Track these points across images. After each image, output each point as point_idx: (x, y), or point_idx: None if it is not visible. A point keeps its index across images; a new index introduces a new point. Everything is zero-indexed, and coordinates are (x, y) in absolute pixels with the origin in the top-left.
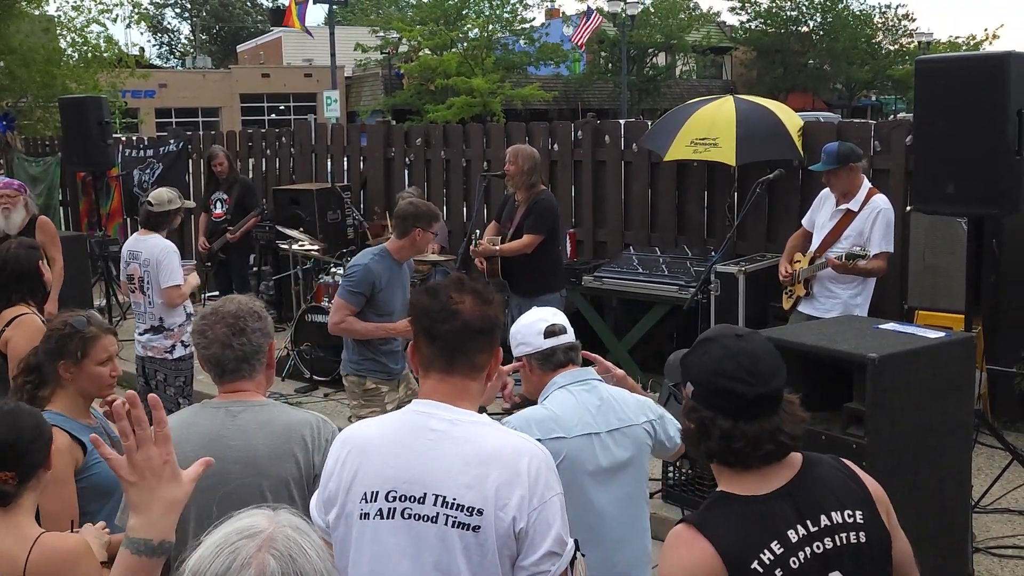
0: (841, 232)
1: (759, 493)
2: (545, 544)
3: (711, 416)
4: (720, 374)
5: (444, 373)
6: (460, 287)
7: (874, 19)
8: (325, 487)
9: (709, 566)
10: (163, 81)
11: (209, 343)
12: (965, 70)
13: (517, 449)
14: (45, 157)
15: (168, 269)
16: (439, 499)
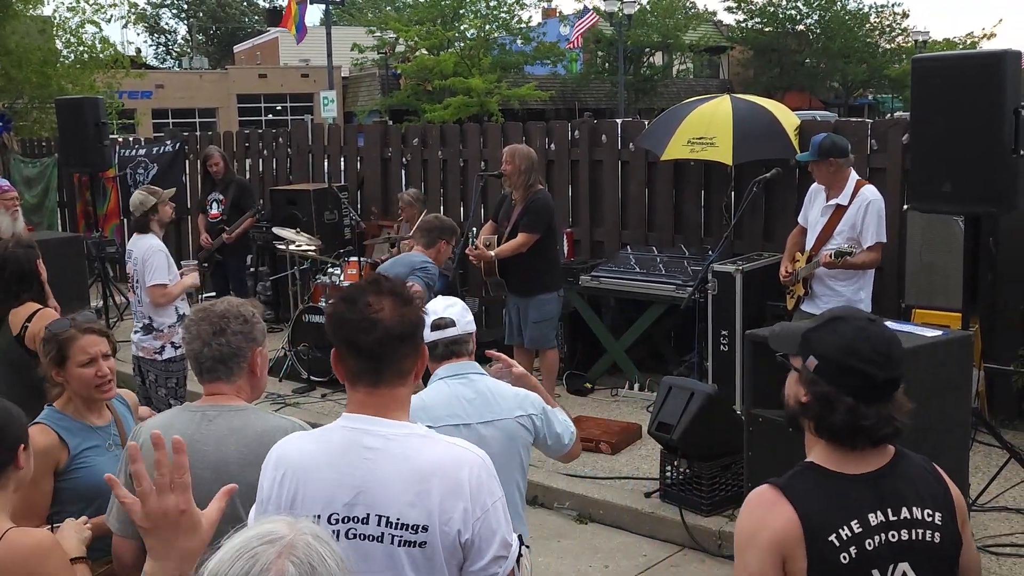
0: (834, 228)
1: (848, 472)
2: (491, 550)
3: (835, 392)
4: (854, 354)
5: (372, 386)
6: (377, 290)
7: (870, 18)
8: (264, 509)
9: (787, 529)
10: (160, 82)
11: (192, 339)
12: (961, 69)
13: (456, 460)
14: (42, 158)
15: (152, 267)
16: (382, 519)
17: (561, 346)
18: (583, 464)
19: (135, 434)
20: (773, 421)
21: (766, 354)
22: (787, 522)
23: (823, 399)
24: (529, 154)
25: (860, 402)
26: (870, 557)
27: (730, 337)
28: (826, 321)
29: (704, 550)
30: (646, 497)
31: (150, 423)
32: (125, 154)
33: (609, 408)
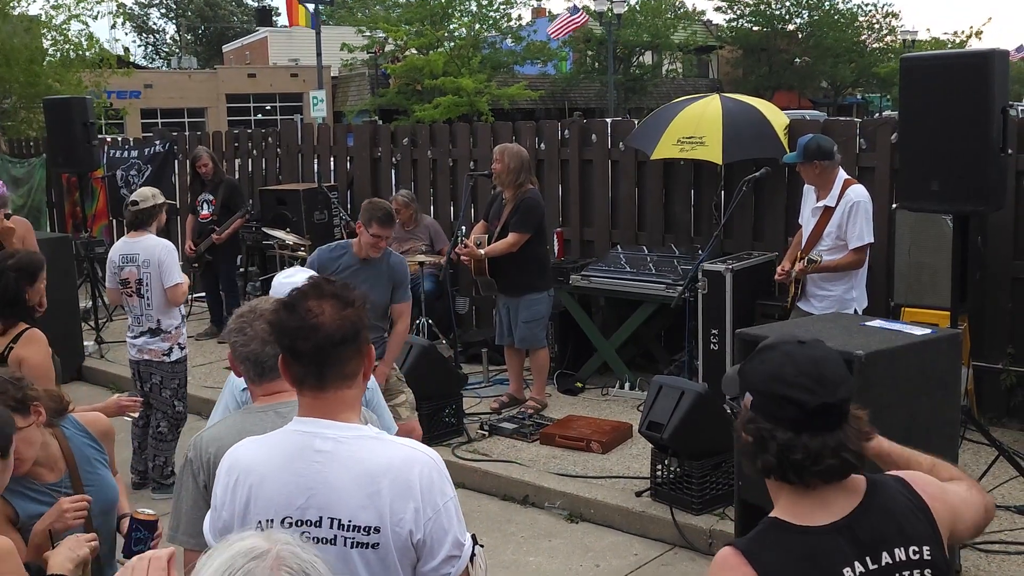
0: (823, 229)
1: (816, 524)
2: (443, 550)
3: (770, 428)
4: (780, 380)
5: (317, 390)
6: (318, 294)
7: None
8: (219, 515)
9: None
10: (148, 81)
11: (248, 340)
12: (950, 68)
13: (407, 460)
14: (29, 158)
15: (169, 268)
16: (335, 522)
17: (552, 346)
18: (574, 463)
19: (199, 448)
20: None
21: None
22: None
23: (758, 436)
24: (519, 153)
25: (799, 434)
26: None
27: (720, 336)
28: (756, 351)
29: (695, 549)
30: (637, 496)
31: (214, 434)
32: (116, 155)
33: (600, 407)
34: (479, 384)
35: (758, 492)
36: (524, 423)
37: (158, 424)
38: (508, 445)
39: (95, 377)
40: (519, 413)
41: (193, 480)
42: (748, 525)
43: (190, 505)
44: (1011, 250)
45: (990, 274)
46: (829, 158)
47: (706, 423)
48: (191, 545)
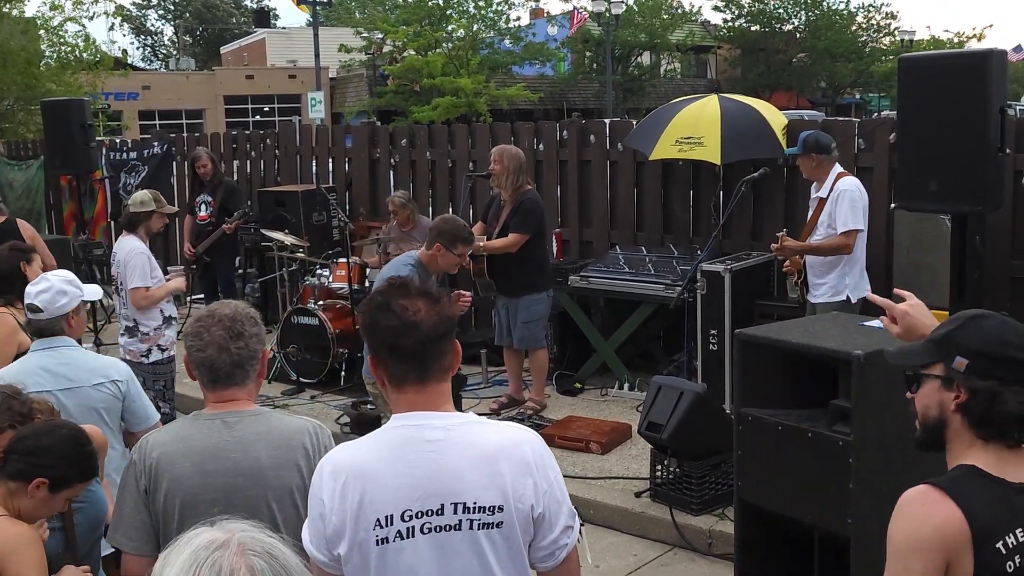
0: (817, 220)
1: (1009, 479)
2: (561, 520)
3: (998, 383)
4: (1008, 344)
5: (419, 384)
6: (406, 294)
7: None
8: (327, 522)
9: (956, 528)
10: (146, 83)
11: (204, 345)
12: (947, 68)
13: (515, 439)
14: (27, 160)
15: (132, 269)
16: (458, 506)
17: (551, 346)
18: (574, 464)
19: (143, 452)
20: (762, 420)
21: (755, 353)
22: (955, 522)
23: (988, 393)
24: (517, 154)
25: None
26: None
27: (719, 336)
28: (964, 321)
29: (694, 549)
30: (636, 497)
31: (159, 437)
32: (115, 157)
33: (599, 408)
34: (478, 385)
35: (758, 493)
36: (523, 424)
37: None
38: None
39: None
40: (518, 414)
41: (135, 483)
42: (748, 526)
43: (130, 508)
44: (1009, 249)
45: (988, 274)
46: (826, 152)
47: (705, 423)
48: (129, 548)
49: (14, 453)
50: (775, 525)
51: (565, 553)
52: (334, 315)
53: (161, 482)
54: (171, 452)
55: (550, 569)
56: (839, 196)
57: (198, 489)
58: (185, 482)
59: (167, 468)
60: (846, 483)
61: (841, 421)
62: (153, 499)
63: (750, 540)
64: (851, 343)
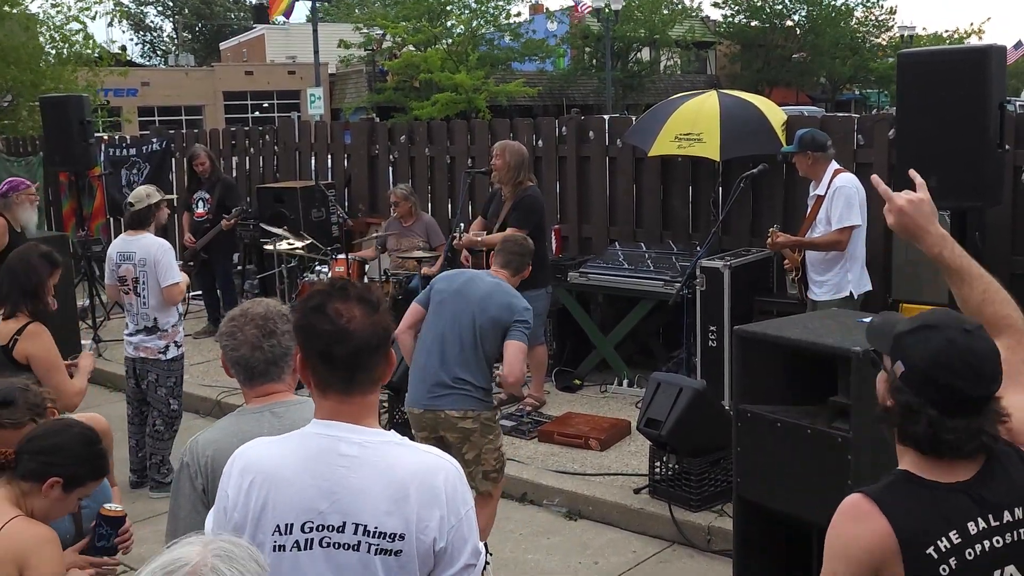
0: (814, 217)
1: (943, 481)
2: (463, 558)
3: (919, 402)
4: (941, 367)
5: (344, 394)
6: (344, 297)
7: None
8: (228, 517)
9: (884, 544)
10: (145, 79)
11: (238, 344)
12: (947, 64)
13: (431, 467)
14: (27, 157)
15: (166, 267)
16: (359, 527)
17: (550, 343)
18: (573, 461)
19: (194, 453)
20: (761, 416)
21: (754, 350)
22: (881, 536)
23: (906, 408)
24: (519, 150)
25: (944, 415)
26: (972, 566)
27: (718, 333)
28: (919, 327)
29: (693, 546)
30: (635, 493)
31: (208, 436)
32: (115, 153)
33: (598, 404)
34: None
35: (757, 489)
36: (522, 420)
37: (154, 422)
38: (506, 442)
39: (93, 376)
40: (517, 411)
41: (191, 484)
42: (747, 522)
43: (188, 511)
44: (1009, 246)
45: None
46: (821, 150)
47: (704, 420)
48: None
49: (26, 453)
50: (774, 521)
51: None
52: None
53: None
54: (226, 448)
55: None
56: (836, 193)
57: None
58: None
59: (223, 463)
60: (845, 480)
61: (840, 418)
62: (211, 496)
63: (749, 536)
64: (850, 340)
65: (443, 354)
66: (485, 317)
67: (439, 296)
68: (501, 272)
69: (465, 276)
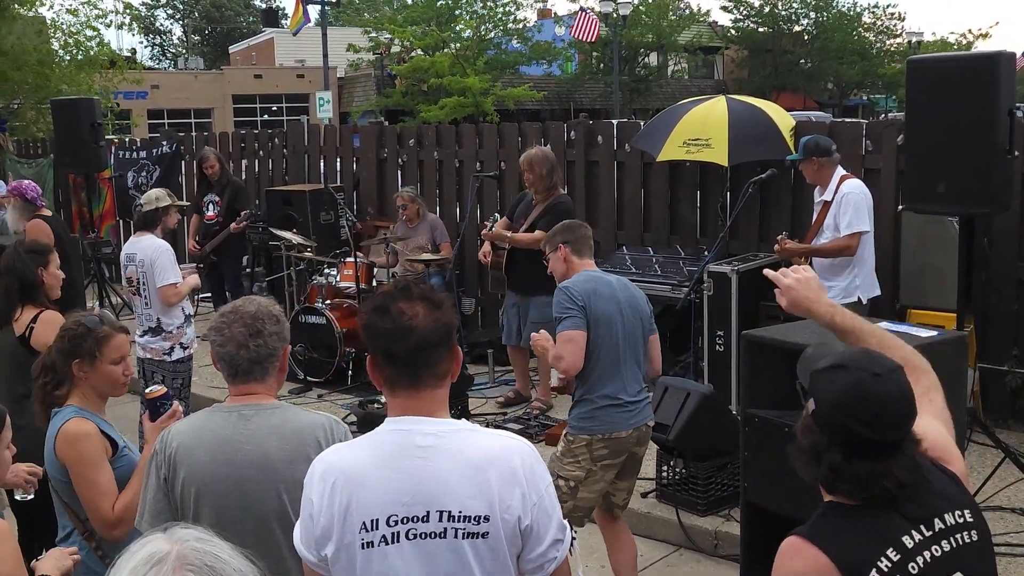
0: (821, 223)
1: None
2: (549, 534)
3: (824, 444)
4: (842, 408)
5: (412, 389)
6: (408, 297)
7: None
8: (315, 523)
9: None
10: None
11: (225, 341)
12: (956, 70)
13: (507, 448)
14: (37, 159)
15: (161, 267)
16: (443, 514)
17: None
18: None
19: (165, 442)
20: (769, 421)
21: (762, 354)
22: (822, 568)
23: (811, 449)
24: (544, 156)
25: (846, 459)
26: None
27: (726, 337)
28: (832, 366)
29: (700, 550)
30: (642, 497)
31: (180, 428)
32: (125, 156)
33: None
34: (484, 385)
35: (764, 494)
36: (530, 424)
37: None
38: None
39: None
40: (525, 413)
41: (156, 472)
42: (754, 527)
43: (151, 495)
44: (1016, 252)
45: (996, 276)
46: (827, 155)
47: (711, 424)
48: None
49: None
50: (781, 526)
51: (554, 567)
52: (341, 314)
53: (179, 471)
54: (188, 442)
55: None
56: (843, 199)
57: (211, 479)
58: (200, 471)
59: (184, 458)
60: None
61: None
62: (172, 487)
63: (756, 541)
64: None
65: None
66: (644, 317)
67: (601, 315)
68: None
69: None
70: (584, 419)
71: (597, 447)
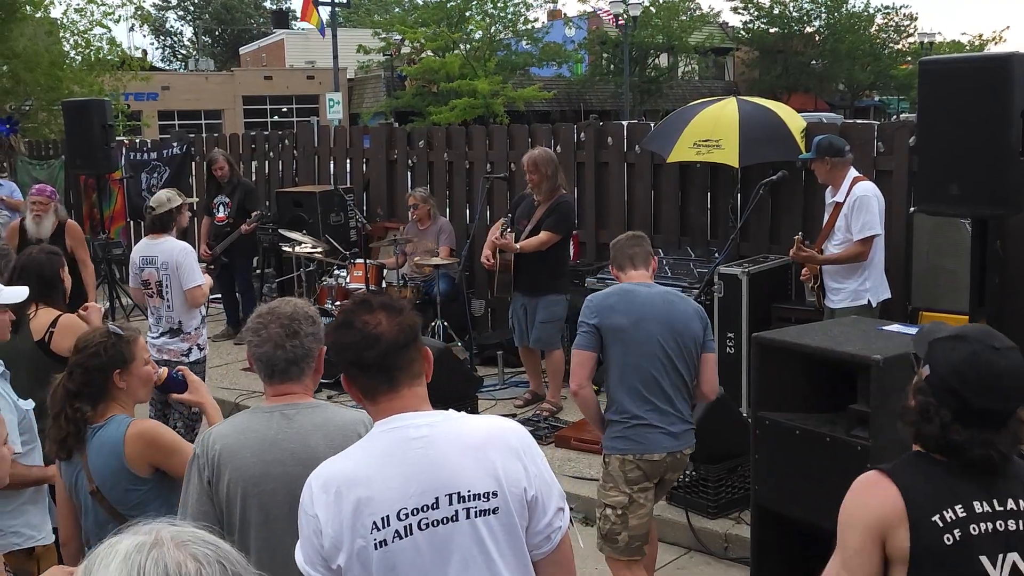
0: (833, 225)
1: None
2: (553, 502)
3: (936, 405)
4: (959, 376)
5: (391, 392)
6: (368, 309)
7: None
8: (322, 536)
9: (891, 508)
10: (166, 84)
11: (262, 342)
12: (969, 71)
13: (500, 427)
14: (48, 160)
15: (188, 269)
16: (453, 497)
17: (567, 349)
18: (590, 466)
19: (206, 445)
20: (779, 423)
21: (772, 357)
22: (889, 499)
23: (924, 408)
24: (546, 157)
25: (955, 421)
26: (976, 543)
27: (736, 339)
28: (952, 336)
29: (710, 553)
30: None
31: (221, 430)
32: (135, 157)
33: None
34: (494, 386)
35: (775, 497)
36: (539, 425)
37: (175, 424)
38: None
39: None
40: (535, 415)
41: (199, 475)
42: (764, 530)
43: (194, 499)
44: None
45: (1008, 278)
46: (839, 155)
47: (722, 427)
48: None
49: None
50: (792, 529)
51: (560, 536)
52: None
53: (224, 473)
54: (232, 444)
55: (547, 554)
56: (856, 202)
57: (259, 478)
58: (247, 471)
59: (229, 459)
60: None
61: (859, 426)
62: (216, 490)
63: (766, 544)
64: (870, 347)
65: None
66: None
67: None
68: (646, 274)
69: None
70: (615, 438)
71: (629, 468)
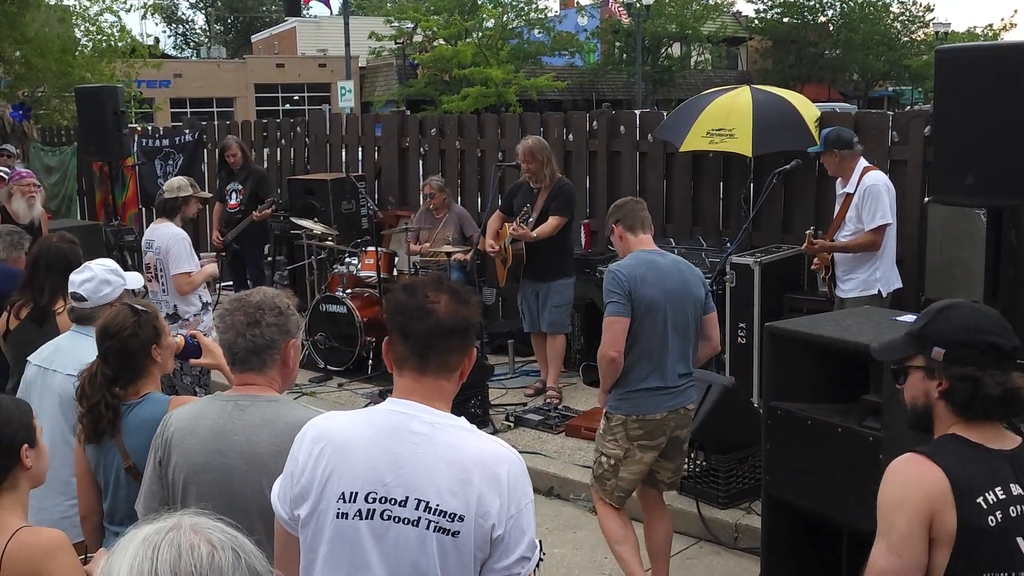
0: (844, 215)
1: (988, 445)
2: (519, 549)
3: (976, 369)
4: (982, 330)
5: (417, 372)
6: (438, 286)
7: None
8: (296, 481)
9: (938, 486)
10: (178, 71)
11: (226, 328)
12: (985, 60)
13: (496, 455)
14: (61, 147)
15: (176, 256)
16: (421, 503)
17: (577, 337)
18: None
19: (165, 425)
20: (791, 414)
21: (784, 346)
22: (936, 480)
23: (969, 379)
24: (541, 145)
25: (1009, 372)
26: (1015, 525)
27: (748, 329)
28: (939, 310)
29: (720, 543)
30: None
31: (180, 413)
32: (148, 144)
33: None
34: (505, 375)
35: (786, 487)
36: (550, 415)
37: (185, 382)
38: (533, 437)
39: None
40: (545, 404)
41: (154, 454)
42: (775, 520)
43: (148, 476)
44: None
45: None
46: (848, 147)
47: (733, 417)
48: (141, 514)
49: None
50: (803, 520)
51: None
52: (362, 303)
53: (172, 456)
54: (184, 428)
55: None
56: (866, 192)
57: (201, 467)
58: (191, 458)
59: (179, 443)
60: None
61: (872, 416)
62: (165, 471)
63: (777, 535)
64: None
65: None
66: (698, 299)
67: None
68: (650, 239)
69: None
70: (620, 399)
71: (632, 427)
